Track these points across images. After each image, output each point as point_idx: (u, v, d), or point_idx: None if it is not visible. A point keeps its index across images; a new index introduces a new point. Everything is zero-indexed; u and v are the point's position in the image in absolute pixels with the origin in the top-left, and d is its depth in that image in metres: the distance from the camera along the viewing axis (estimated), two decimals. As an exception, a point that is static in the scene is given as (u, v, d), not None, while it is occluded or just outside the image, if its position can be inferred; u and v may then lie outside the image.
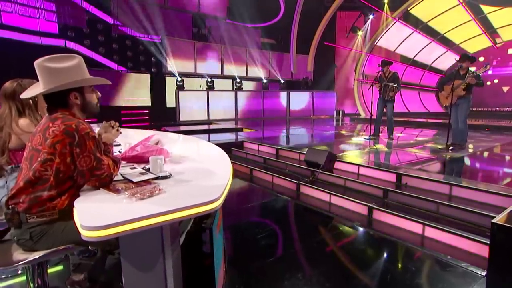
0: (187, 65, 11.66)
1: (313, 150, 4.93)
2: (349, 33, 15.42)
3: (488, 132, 8.94)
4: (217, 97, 11.86)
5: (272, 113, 13.49)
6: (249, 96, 12.90)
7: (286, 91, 13.86)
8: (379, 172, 4.24)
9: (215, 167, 2.03)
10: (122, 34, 10.19)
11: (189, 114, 11.13)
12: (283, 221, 3.77)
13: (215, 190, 1.49)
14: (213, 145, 2.87)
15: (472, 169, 4.58)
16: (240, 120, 12.41)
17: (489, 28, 14.26)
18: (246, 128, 9.60)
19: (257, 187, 4.97)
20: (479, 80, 5.36)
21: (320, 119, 14.00)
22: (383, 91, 6.78)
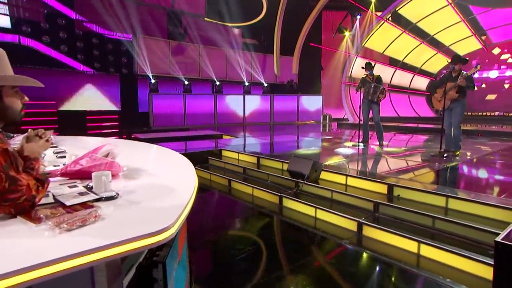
0: (162, 66, 11.38)
1: (296, 159, 4.78)
2: (335, 33, 15.57)
3: (480, 137, 9.08)
4: (194, 101, 11.62)
5: (255, 119, 13.35)
6: (229, 100, 12.72)
7: (269, 95, 13.77)
8: (369, 183, 4.12)
9: (177, 182, 1.82)
10: (88, 31, 9.83)
11: (164, 120, 10.82)
12: (264, 240, 3.56)
13: (170, 213, 1.28)
14: (179, 155, 2.65)
15: (469, 179, 4.53)
16: (220, 126, 12.21)
17: (478, 30, 14.71)
18: (226, 135, 9.39)
19: (235, 201, 4.75)
20: (471, 82, 5.38)
21: (306, 125, 13.96)
22: (372, 93, 6.74)
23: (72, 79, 9.17)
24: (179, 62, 11.72)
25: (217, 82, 12.55)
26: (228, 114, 12.65)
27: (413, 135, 10.08)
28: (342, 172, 4.50)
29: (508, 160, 5.78)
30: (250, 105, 13.26)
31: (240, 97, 13.09)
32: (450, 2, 13.55)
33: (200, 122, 11.72)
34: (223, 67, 13.21)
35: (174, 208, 1.34)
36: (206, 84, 12.71)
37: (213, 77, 12.54)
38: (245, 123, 13.11)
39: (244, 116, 13.10)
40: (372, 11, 14.84)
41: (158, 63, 11.14)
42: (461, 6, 13.68)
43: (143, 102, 10.81)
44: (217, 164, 6.19)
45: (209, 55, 12.54)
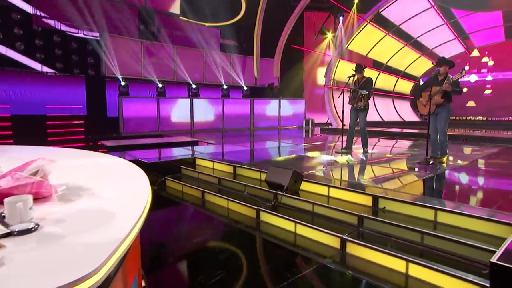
0: (133, 67, 11.01)
1: (275, 168, 4.58)
2: (317, 35, 15.62)
3: (465, 142, 9.20)
4: (169, 105, 11.30)
5: (234, 124, 13.14)
6: (207, 104, 12.46)
7: (249, 99, 13.61)
8: (353, 195, 3.96)
9: (122, 206, 1.56)
10: (48, 27, 9.32)
11: (135, 125, 10.44)
12: (238, 262, 3.32)
13: (96, 254, 1.03)
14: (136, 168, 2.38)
15: (457, 188, 4.45)
16: (197, 131, 11.92)
17: (461, 33, 15.11)
18: (203, 141, 9.13)
19: (209, 215, 4.50)
20: (457, 87, 5.37)
21: (288, 130, 13.86)
22: (351, 98, 6.66)
23: (30, 81, 8.65)
24: (152, 63, 11.37)
25: (193, 85, 12.27)
26: (206, 119, 12.37)
27: (397, 140, 10.12)
28: (324, 182, 4.33)
29: (495, 167, 5.80)
30: (229, 109, 13.04)
31: (219, 101, 12.85)
32: (433, 4, 13.86)
33: (175, 127, 11.39)
34: (200, 69, 12.95)
35: (105, 246, 1.09)
36: (182, 87, 12.41)
37: (189, 79, 12.25)
38: (223, 129, 12.87)
39: (222, 121, 12.86)
40: (355, 12, 14.98)
41: (128, 64, 10.76)
42: (444, 9, 14.02)
43: (112, 106, 10.39)
44: (191, 174, 5.92)
45: (185, 56, 12.26)
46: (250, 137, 11.14)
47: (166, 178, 5.68)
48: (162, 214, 4.67)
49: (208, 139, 9.70)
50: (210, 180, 5.47)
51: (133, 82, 10.89)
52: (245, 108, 13.56)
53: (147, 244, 3.54)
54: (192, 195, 5.17)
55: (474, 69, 15.74)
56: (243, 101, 13.67)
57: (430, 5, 13.92)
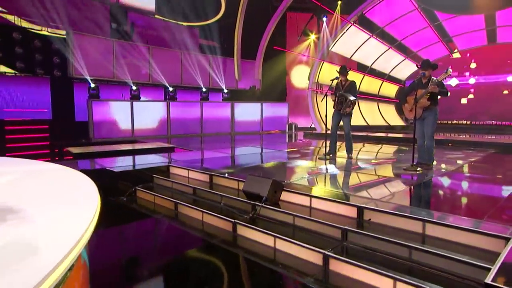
0: (104, 68, 10.63)
1: (253, 177, 4.39)
2: (300, 36, 15.62)
3: (451, 147, 9.26)
4: (144, 109, 10.97)
5: (214, 129, 12.91)
6: (185, 108, 12.19)
7: (230, 102, 13.42)
8: (337, 205, 3.81)
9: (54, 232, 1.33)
10: (7, 23, 8.83)
11: (107, 130, 10.06)
12: (211, 282, 3.09)
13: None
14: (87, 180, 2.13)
15: (445, 197, 4.37)
16: (174, 137, 11.62)
17: (445, 36, 15.41)
18: (179, 147, 8.85)
19: (181, 229, 4.26)
20: (443, 88, 5.34)
21: (270, 135, 13.73)
22: (337, 103, 6.57)
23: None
24: (126, 64, 11.02)
25: (170, 87, 11.98)
26: (183, 124, 12.09)
27: (383, 145, 10.12)
28: (305, 192, 4.17)
29: (482, 173, 5.79)
30: (209, 113, 12.80)
31: (197, 104, 12.59)
32: (416, 7, 14.07)
33: (151, 133, 11.06)
34: (178, 71, 12.69)
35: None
36: (158, 90, 12.12)
37: (165, 82, 11.96)
38: (202, 134, 12.61)
39: (201, 126, 12.60)
40: (339, 13, 15.07)
41: (99, 65, 10.38)
42: (428, 11, 14.26)
43: (81, 110, 9.98)
44: (164, 184, 5.66)
45: (161, 57, 11.98)
46: (230, 143, 10.93)
47: (137, 188, 5.40)
48: (129, 229, 4.39)
49: (186, 145, 9.44)
50: (185, 190, 5.22)
51: (104, 84, 10.52)
52: (225, 112, 13.35)
53: (108, 264, 3.27)
54: (165, 207, 4.91)
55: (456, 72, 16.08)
56: (223, 105, 13.46)
57: (414, 7, 14.14)
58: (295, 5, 14.81)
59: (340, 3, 14.80)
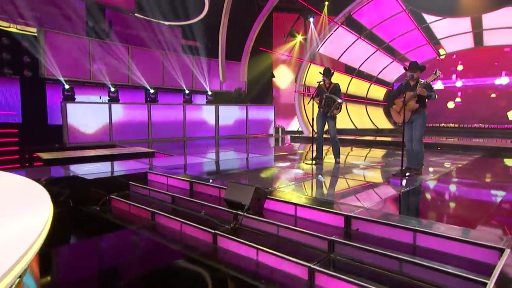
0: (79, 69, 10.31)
1: (235, 185, 4.24)
2: (287, 37, 15.59)
3: (440, 151, 9.31)
4: (123, 112, 10.70)
5: (197, 132, 12.73)
6: (167, 111, 11.97)
7: (214, 105, 13.26)
8: (323, 214, 3.69)
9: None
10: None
11: (83, 135, 9.74)
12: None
13: None
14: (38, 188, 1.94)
15: (436, 204, 4.30)
16: (155, 141, 11.38)
17: (432, 39, 15.61)
18: (160, 152, 8.63)
19: (158, 242, 4.07)
20: (431, 91, 5.32)
21: (256, 138, 13.61)
22: (324, 105, 6.50)
23: None
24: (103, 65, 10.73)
25: (151, 89, 11.74)
26: (165, 127, 11.86)
27: (371, 149, 10.11)
28: (290, 200, 4.04)
29: (473, 178, 5.79)
30: (192, 116, 12.60)
31: (180, 107, 12.38)
32: (404, 8, 14.20)
33: (130, 137, 10.80)
34: (159, 72, 12.46)
35: None
36: (138, 92, 11.88)
37: (146, 84, 11.72)
38: (185, 138, 12.40)
39: (184, 129, 12.38)
40: (326, 14, 15.09)
41: (74, 65, 10.06)
42: (415, 13, 14.41)
43: (55, 113, 9.64)
44: (141, 192, 5.45)
45: (141, 57, 11.73)
46: (214, 147, 10.77)
47: (112, 197, 5.18)
48: (100, 242, 4.18)
49: (167, 150, 9.22)
50: (163, 199, 5.03)
51: (80, 85, 10.22)
52: (209, 114, 13.18)
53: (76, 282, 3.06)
54: (141, 217, 4.71)
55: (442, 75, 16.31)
56: (207, 107, 13.29)
57: (402, 8, 14.26)
58: (281, 5, 14.77)
59: (327, 3, 14.83)
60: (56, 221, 4.66)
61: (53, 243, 4.07)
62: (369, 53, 16.29)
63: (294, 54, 16.17)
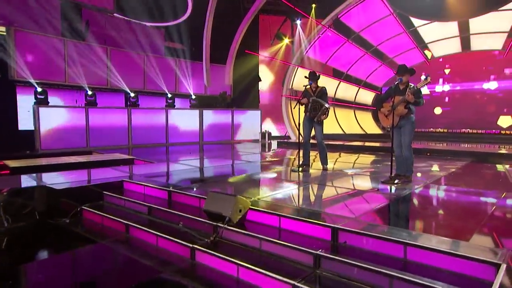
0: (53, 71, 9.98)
1: (215, 195, 4.06)
2: (273, 40, 15.54)
3: (429, 157, 9.31)
4: (101, 116, 10.41)
5: (180, 138, 12.51)
6: (148, 115, 11.71)
7: (198, 110, 13.06)
8: (308, 226, 3.54)
9: None
10: None
11: (57, 140, 9.42)
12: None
13: None
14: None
15: (427, 214, 4.19)
16: (136, 147, 11.10)
17: (420, 43, 15.77)
18: (139, 159, 8.38)
19: (130, 257, 3.85)
20: (418, 97, 5.27)
21: (242, 144, 13.45)
22: (311, 109, 6.39)
23: None
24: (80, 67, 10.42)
25: (131, 93, 11.48)
26: (146, 133, 11.60)
27: (360, 155, 10.06)
28: (274, 211, 3.88)
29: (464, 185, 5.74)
30: (175, 121, 12.37)
31: (162, 112, 12.14)
32: (392, 12, 14.32)
33: (109, 142, 10.50)
34: (140, 75, 12.22)
35: None
36: (118, 96, 11.61)
37: (126, 87, 11.45)
38: (168, 144, 12.15)
39: (166, 135, 12.14)
40: (313, 17, 15.10)
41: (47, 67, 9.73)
42: (403, 17, 14.54)
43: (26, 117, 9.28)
44: (116, 202, 5.21)
45: (121, 60, 11.50)
46: (198, 153, 10.57)
47: (83, 208, 4.92)
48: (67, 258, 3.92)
49: (148, 156, 8.98)
50: (139, 210, 4.80)
51: (54, 88, 9.89)
52: (193, 119, 12.97)
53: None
54: (114, 230, 4.48)
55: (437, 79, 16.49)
56: (191, 112, 13.08)
57: (389, 12, 14.37)
58: (267, 7, 14.72)
59: (314, 6, 14.84)
60: (20, 235, 4.40)
61: (16, 260, 3.82)
62: (357, 56, 16.36)
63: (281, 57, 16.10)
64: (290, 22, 15.64)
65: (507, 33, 14.13)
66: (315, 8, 14.92)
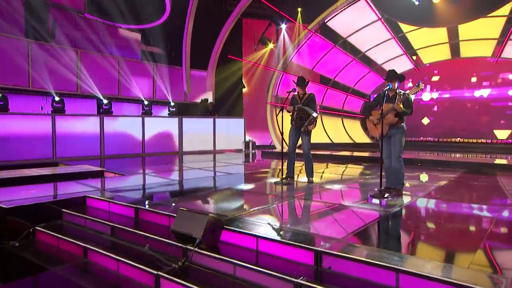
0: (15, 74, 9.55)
1: (185, 213, 3.75)
2: (257, 45, 15.41)
3: (420, 167, 9.20)
4: (70, 124, 10.00)
5: (158, 147, 12.16)
6: (123, 123, 11.33)
7: (177, 117, 12.75)
8: (289, 249, 3.26)
9: None
10: None
11: (18, 150, 8.94)
12: None
13: None
14: None
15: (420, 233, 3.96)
16: (109, 158, 10.68)
17: (409, 49, 15.86)
18: (110, 171, 7.97)
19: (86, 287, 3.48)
20: (409, 106, 5.12)
21: (225, 154, 13.16)
22: (297, 118, 6.16)
23: None
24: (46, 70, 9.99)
25: (104, 99, 11.10)
26: (121, 142, 11.20)
27: (348, 165, 9.88)
28: (251, 231, 3.59)
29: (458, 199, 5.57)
30: (152, 130, 12.02)
31: (138, 120, 11.77)
32: (380, 17, 14.35)
33: (79, 153, 10.06)
34: (114, 80, 11.87)
35: None
36: (89, 102, 11.26)
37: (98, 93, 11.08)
38: (144, 154, 11.77)
39: (143, 145, 11.76)
40: (300, 22, 15.02)
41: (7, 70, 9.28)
42: (391, 22, 14.60)
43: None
44: (76, 221, 4.82)
45: (93, 63, 11.15)
46: (175, 165, 10.24)
47: (37, 229, 4.52)
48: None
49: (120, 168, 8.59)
50: (101, 230, 4.44)
51: (16, 93, 9.45)
52: (172, 128, 12.63)
53: None
54: (71, 254, 4.10)
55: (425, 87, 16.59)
56: (169, 120, 12.77)
57: (377, 17, 14.40)
58: (251, 11, 14.61)
59: (300, 10, 14.77)
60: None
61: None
62: (344, 62, 16.34)
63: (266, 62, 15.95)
64: (275, 26, 15.54)
65: (497, 39, 14.35)
66: (301, 12, 14.86)
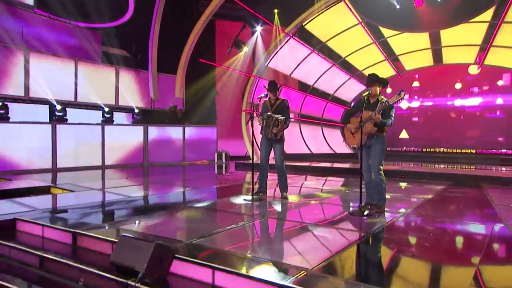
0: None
1: (127, 240, 3.27)
2: (231, 48, 15.14)
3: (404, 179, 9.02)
4: (15, 133, 9.39)
5: (120, 159, 11.61)
6: (79, 132, 10.76)
7: (142, 126, 12.28)
8: (251, 284, 2.83)
9: None
10: None
11: None
12: None
13: None
14: None
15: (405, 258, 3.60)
16: (62, 170, 10.06)
17: (391, 55, 15.88)
18: (58, 187, 7.37)
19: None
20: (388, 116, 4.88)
21: (195, 166, 12.71)
22: (264, 126, 5.80)
23: None
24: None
25: (57, 105, 10.50)
26: (77, 153, 10.63)
27: (327, 178, 9.58)
28: (207, 262, 3.13)
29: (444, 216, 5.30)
30: (114, 139, 11.47)
31: (97, 128, 11.19)
32: (360, 21, 14.30)
33: (26, 165, 9.43)
34: (70, 84, 11.38)
35: None
36: (40, 108, 10.60)
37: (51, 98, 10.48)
38: (104, 166, 11.16)
39: (102, 156, 11.17)
40: (278, 25, 14.80)
41: None
42: (372, 26, 14.58)
43: None
44: (1, 251, 4.22)
45: (44, 65, 10.59)
46: (140, 177, 9.74)
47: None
48: None
49: (75, 183, 8.01)
50: (28, 261, 3.87)
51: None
52: (136, 137, 12.15)
53: None
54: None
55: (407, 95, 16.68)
56: (133, 129, 12.32)
57: (358, 21, 14.35)
58: (224, 11, 14.32)
59: (277, 11, 14.57)
60: None
61: None
62: (324, 68, 16.22)
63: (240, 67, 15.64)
64: (250, 29, 15.28)
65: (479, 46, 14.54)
66: (278, 14, 14.65)
